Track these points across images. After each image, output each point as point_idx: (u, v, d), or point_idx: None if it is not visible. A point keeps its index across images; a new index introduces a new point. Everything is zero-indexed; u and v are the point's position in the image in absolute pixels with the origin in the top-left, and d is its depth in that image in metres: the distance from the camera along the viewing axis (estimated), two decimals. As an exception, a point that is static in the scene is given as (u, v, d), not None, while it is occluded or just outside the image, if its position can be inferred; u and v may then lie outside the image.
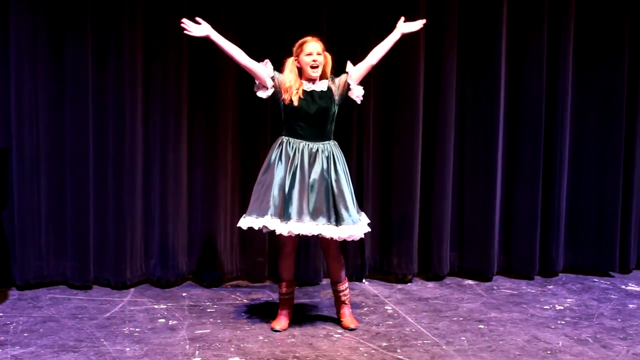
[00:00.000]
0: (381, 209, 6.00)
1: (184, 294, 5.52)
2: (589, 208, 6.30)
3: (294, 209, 4.63)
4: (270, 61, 4.78)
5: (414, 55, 5.82)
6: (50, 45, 5.42)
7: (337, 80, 4.82)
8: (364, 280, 5.96)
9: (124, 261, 5.58)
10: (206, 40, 5.38)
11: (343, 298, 4.93)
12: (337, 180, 4.71)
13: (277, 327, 4.79)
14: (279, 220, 4.65)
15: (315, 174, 4.68)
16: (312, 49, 4.71)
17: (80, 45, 5.40)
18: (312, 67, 4.71)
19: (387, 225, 6.00)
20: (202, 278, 5.75)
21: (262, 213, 4.68)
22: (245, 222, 4.74)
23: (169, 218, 5.66)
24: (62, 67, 5.44)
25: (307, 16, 5.66)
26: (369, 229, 4.89)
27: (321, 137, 4.77)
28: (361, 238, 5.80)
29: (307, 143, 4.73)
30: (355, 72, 4.83)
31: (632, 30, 6.16)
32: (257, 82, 4.80)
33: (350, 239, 4.76)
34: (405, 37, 5.56)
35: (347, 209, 4.69)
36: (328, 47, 4.84)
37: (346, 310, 4.94)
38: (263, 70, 4.75)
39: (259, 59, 4.78)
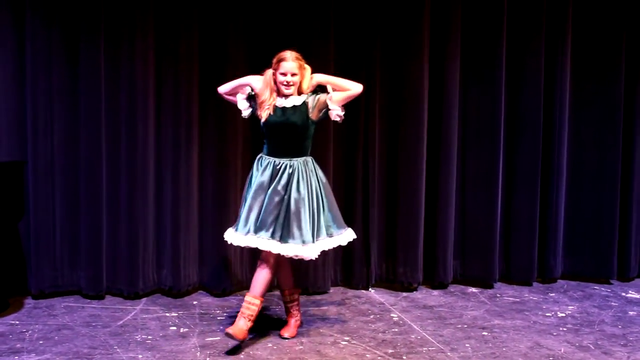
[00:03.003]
0: (387, 218, 6.08)
1: (194, 303, 5.59)
2: (587, 217, 6.37)
3: (241, 221, 4.71)
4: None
5: (418, 68, 5.92)
6: (65, 58, 5.48)
7: (317, 97, 4.75)
8: (370, 289, 6.04)
9: (137, 271, 5.63)
10: (217, 52, 5.53)
11: (289, 307, 5.01)
12: (297, 198, 4.64)
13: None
14: (242, 235, 4.72)
15: (273, 189, 4.65)
16: (287, 69, 4.66)
17: (94, 57, 5.46)
18: (285, 86, 4.68)
19: (392, 235, 6.08)
20: (212, 287, 5.80)
21: (235, 229, 4.82)
22: (227, 235, 4.91)
23: (180, 228, 5.70)
24: (76, 79, 5.50)
25: (314, 26, 5.74)
26: (317, 253, 4.75)
27: (291, 153, 4.73)
28: (368, 247, 5.93)
29: (274, 159, 4.72)
30: (337, 96, 4.76)
31: (629, 42, 6.25)
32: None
33: (297, 259, 4.71)
34: (409, 49, 5.72)
35: (299, 228, 4.62)
36: (335, 56, 4.86)
37: (292, 321, 4.99)
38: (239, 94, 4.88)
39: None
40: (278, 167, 4.70)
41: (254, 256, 5.87)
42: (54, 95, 5.49)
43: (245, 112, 4.86)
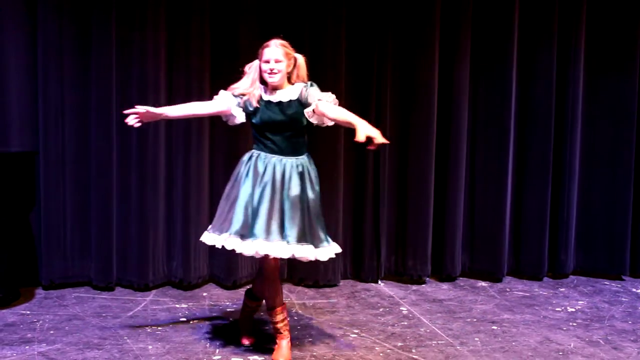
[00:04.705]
0: (397, 213, 6.09)
1: (204, 294, 5.62)
2: (600, 213, 6.37)
3: (261, 228, 4.17)
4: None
5: (429, 61, 5.93)
6: (76, 49, 5.49)
7: (308, 96, 4.30)
8: (379, 282, 6.06)
9: (147, 263, 5.65)
10: (228, 41, 5.50)
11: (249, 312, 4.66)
12: (314, 199, 4.32)
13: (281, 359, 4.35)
14: (239, 239, 4.20)
15: (290, 191, 4.25)
16: (269, 56, 4.28)
17: (105, 49, 5.46)
18: (269, 74, 4.28)
19: (402, 229, 6.10)
20: (223, 279, 5.81)
21: (222, 231, 4.29)
22: (206, 238, 4.39)
23: (190, 220, 5.71)
24: (87, 71, 5.50)
25: (326, 22, 5.76)
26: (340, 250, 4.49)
27: (293, 151, 4.34)
28: (378, 240, 5.93)
29: (280, 157, 4.30)
30: (322, 108, 4.27)
31: (644, 38, 6.23)
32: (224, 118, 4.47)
33: (323, 260, 4.37)
34: (420, 42, 5.71)
35: (323, 229, 4.34)
36: (347, 49, 4.74)
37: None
38: (222, 103, 4.39)
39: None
40: (287, 165, 4.30)
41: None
42: (65, 86, 5.50)
43: (240, 118, 4.41)
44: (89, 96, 5.54)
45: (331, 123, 4.41)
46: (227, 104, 4.39)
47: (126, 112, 4.18)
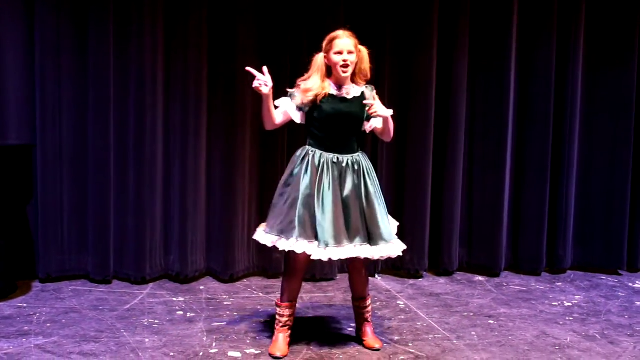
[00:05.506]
0: (395, 207, 6.06)
1: (201, 288, 5.62)
2: (597, 208, 6.38)
3: (329, 232, 4.14)
4: (288, 64, 4.71)
5: (427, 59, 5.93)
6: (73, 46, 5.48)
7: (373, 95, 4.33)
8: (376, 276, 6.06)
9: (144, 257, 5.65)
10: (226, 40, 5.50)
11: (366, 315, 4.56)
12: (367, 196, 4.25)
13: (278, 354, 4.30)
14: (306, 242, 4.15)
15: (347, 191, 4.21)
16: (343, 47, 4.18)
17: (103, 46, 5.45)
18: (342, 67, 4.20)
19: (399, 221, 6.05)
20: (219, 273, 5.81)
21: (288, 234, 4.19)
22: (270, 239, 4.29)
23: (188, 215, 5.71)
24: (85, 67, 5.50)
25: (325, 16, 5.73)
26: (404, 246, 4.46)
27: (351, 148, 4.29)
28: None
29: (336, 155, 4.24)
30: (377, 124, 4.38)
31: (643, 33, 6.22)
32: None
33: (386, 258, 4.37)
34: (418, 37, 5.69)
35: (378, 227, 4.26)
36: None
37: (369, 329, 4.57)
38: (282, 114, 4.33)
39: (275, 63, 4.70)
40: (343, 164, 4.24)
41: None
42: (62, 83, 5.50)
43: (297, 118, 4.34)
44: (86, 93, 5.52)
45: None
46: (286, 111, 4.32)
47: (251, 70, 4.21)
